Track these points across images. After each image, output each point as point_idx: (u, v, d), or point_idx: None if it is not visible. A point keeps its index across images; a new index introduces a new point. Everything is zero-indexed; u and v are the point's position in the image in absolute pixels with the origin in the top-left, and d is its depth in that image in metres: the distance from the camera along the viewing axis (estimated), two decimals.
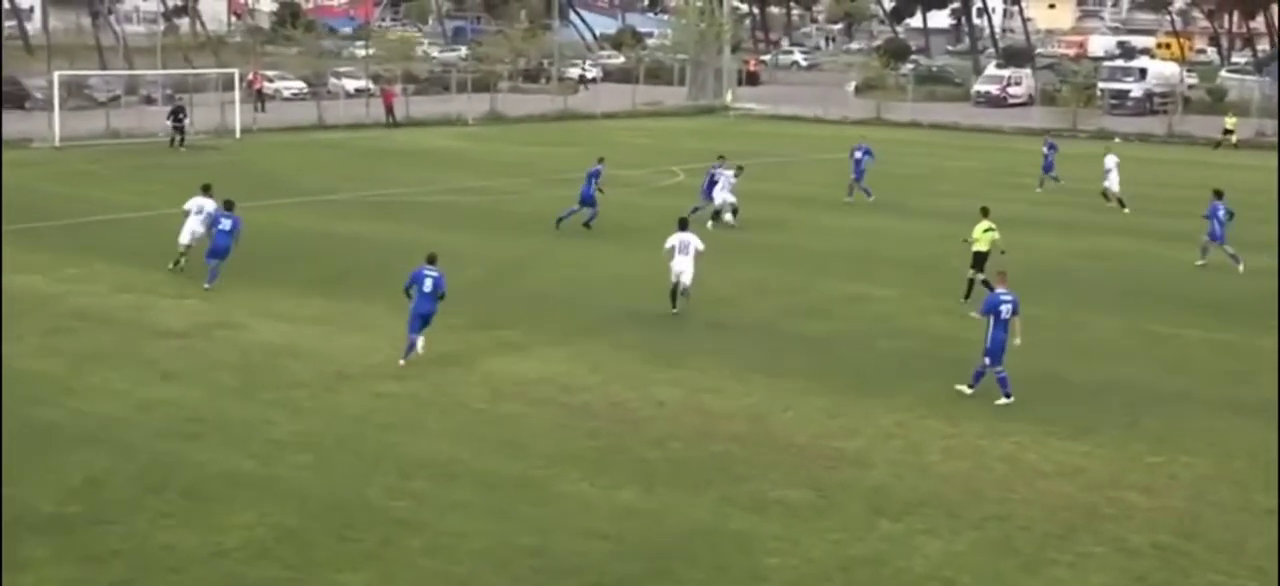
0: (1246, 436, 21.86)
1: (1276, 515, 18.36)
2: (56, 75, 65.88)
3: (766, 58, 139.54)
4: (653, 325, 28.49)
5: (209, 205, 33.33)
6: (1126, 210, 46.57)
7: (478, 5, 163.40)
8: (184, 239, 33.01)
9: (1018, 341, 23.81)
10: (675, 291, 29.54)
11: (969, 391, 23.68)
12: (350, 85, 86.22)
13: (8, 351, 25.21)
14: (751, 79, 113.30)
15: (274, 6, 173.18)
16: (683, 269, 29.37)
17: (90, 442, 20.23)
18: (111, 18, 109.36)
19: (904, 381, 24.67)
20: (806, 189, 51.17)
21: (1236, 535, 17.81)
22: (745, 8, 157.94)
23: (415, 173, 53.06)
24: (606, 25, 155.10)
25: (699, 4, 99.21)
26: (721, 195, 41.18)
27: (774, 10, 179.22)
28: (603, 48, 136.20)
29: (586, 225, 38.97)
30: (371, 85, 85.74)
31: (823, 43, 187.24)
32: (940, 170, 58.87)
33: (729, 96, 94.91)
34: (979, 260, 31.41)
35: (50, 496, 18.05)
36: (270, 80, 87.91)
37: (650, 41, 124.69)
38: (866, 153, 48.08)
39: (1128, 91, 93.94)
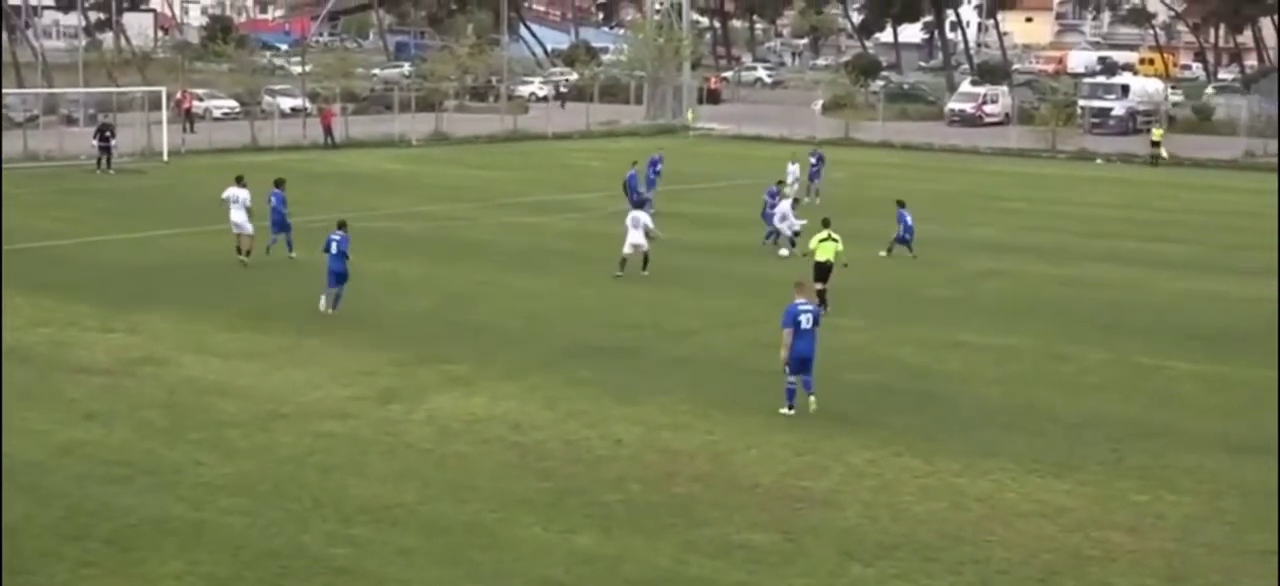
0: (1237, 474, 22.00)
1: (1277, 554, 18.44)
2: None
3: (728, 75, 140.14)
4: (610, 359, 28.47)
5: (243, 194, 36.52)
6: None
7: (422, 20, 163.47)
8: (244, 226, 36.49)
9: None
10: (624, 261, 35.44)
11: (789, 412, 24.34)
12: (286, 104, 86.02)
13: None
14: (712, 97, 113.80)
15: (204, 21, 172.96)
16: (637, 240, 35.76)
17: (6, 488, 20.02)
18: (29, 33, 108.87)
19: (875, 416, 24.71)
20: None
21: (1227, 577, 17.89)
22: (706, 22, 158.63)
23: (356, 197, 52.95)
24: (559, 40, 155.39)
25: (657, 18, 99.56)
26: (784, 223, 41.34)
27: (736, 24, 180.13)
28: (555, 64, 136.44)
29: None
30: (309, 104, 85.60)
31: (788, 59, 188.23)
32: (911, 193, 59.11)
33: (689, 115, 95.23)
34: (822, 271, 33.23)
35: None
36: (200, 99, 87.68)
37: (605, 57, 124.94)
38: (819, 159, 52.42)
39: (1109, 109, 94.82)
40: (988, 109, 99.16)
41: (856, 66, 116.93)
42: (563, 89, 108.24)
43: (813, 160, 55.22)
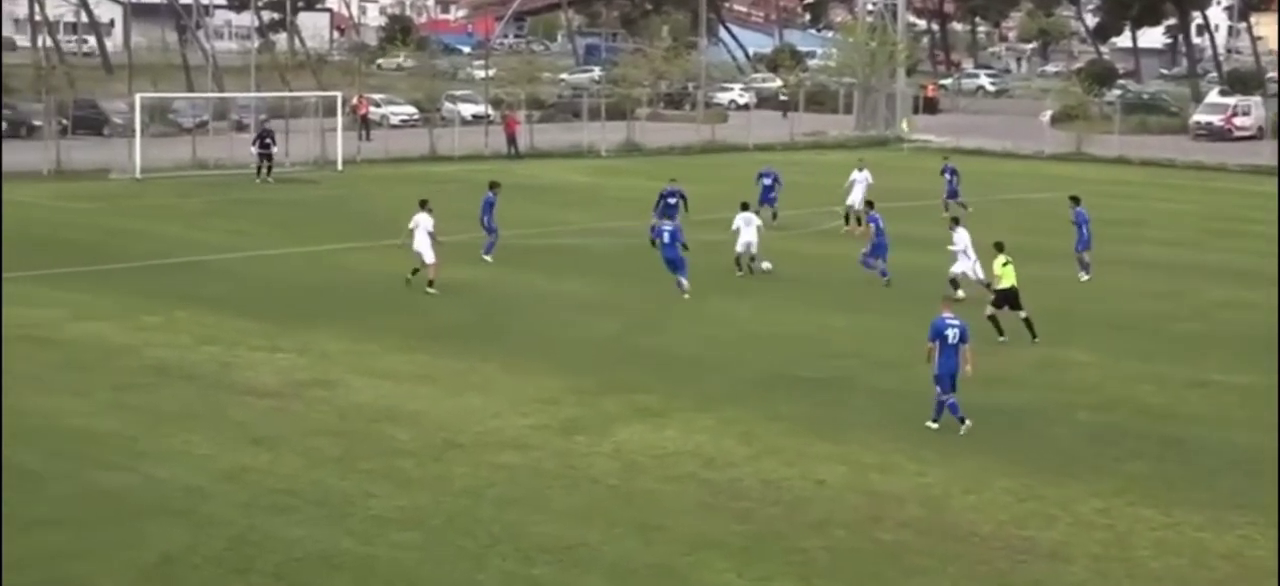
0: None
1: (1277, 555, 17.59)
2: (138, 98, 67.63)
3: (947, 82, 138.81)
4: (811, 391, 28.32)
5: (428, 220, 37.54)
6: None
7: (613, 21, 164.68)
8: (426, 253, 37.36)
9: (969, 368, 25.67)
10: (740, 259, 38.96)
11: (934, 426, 25.51)
12: (467, 111, 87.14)
13: (69, 407, 25.74)
14: (929, 106, 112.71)
15: (382, 22, 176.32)
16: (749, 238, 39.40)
17: (167, 514, 20.52)
18: (200, 34, 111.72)
19: (1108, 462, 24.22)
20: (992, 235, 50.56)
21: None
22: (923, 24, 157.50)
23: (538, 210, 53.45)
24: (761, 43, 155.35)
25: (869, 19, 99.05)
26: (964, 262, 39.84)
27: (957, 27, 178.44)
28: (757, 69, 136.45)
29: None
30: (491, 111, 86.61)
31: (1013, 65, 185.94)
32: (1148, 214, 58.01)
33: (903, 126, 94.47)
34: (1009, 298, 33.05)
35: (120, 575, 18.31)
36: (377, 105, 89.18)
37: (812, 63, 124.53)
38: (773, 178, 51.76)
39: None
40: (1238, 122, 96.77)
41: (1090, 74, 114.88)
42: (782, 97, 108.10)
43: (946, 175, 54.53)
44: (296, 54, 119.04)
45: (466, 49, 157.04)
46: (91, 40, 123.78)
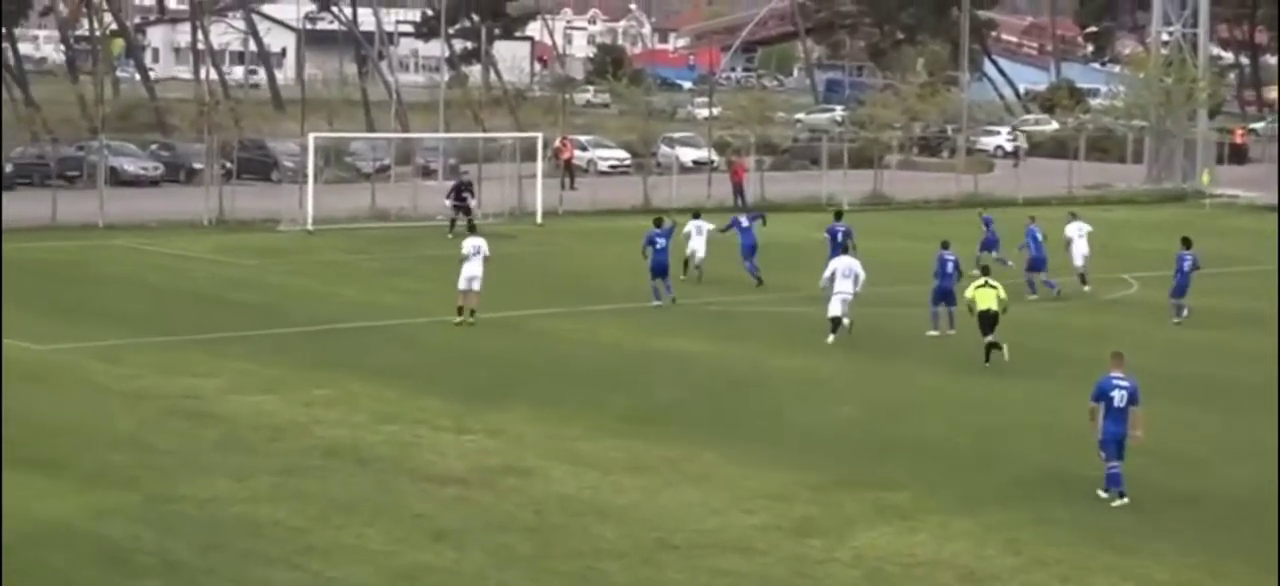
0: None
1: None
2: (311, 138, 68.21)
3: (1258, 126, 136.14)
4: (1090, 491, 27.89)
5: (707, 225, 45.07)
6: None
7: (859, 52, 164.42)
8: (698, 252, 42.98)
9: (1139, 433, 27.04)
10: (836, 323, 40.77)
11: (1106, 495, 26.89)
12: (687, 156, 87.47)
13: (228, 493, 26.26)
14: (1237, 155, 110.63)
15: (591, 52, 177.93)
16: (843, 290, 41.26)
17: None
18: (383, 65, 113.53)
19: None
20: None
21: None
22: (1229, 57, 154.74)
23: (768, 273, 53.42)
24: (1035, 79, 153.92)
25: (1164, 52, 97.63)
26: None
27: (1270, 61, 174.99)
28: (1028, 109, 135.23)
29: None
30: (716, 156, 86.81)
31: None
32: None
33: (1205, 178, 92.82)
34: (987, 321, 38.73)
35: None
36: (583, 148, 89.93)
37: (1095, 102, 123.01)
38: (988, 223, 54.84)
39: None
40: None
41: None
42: (1009, 146, 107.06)
43: (986, 226, 55.49)
44: (492, 88, 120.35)
45: (687, 84, 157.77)
46: (260, 73, 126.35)
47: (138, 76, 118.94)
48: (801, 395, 35.52)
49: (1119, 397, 26.96)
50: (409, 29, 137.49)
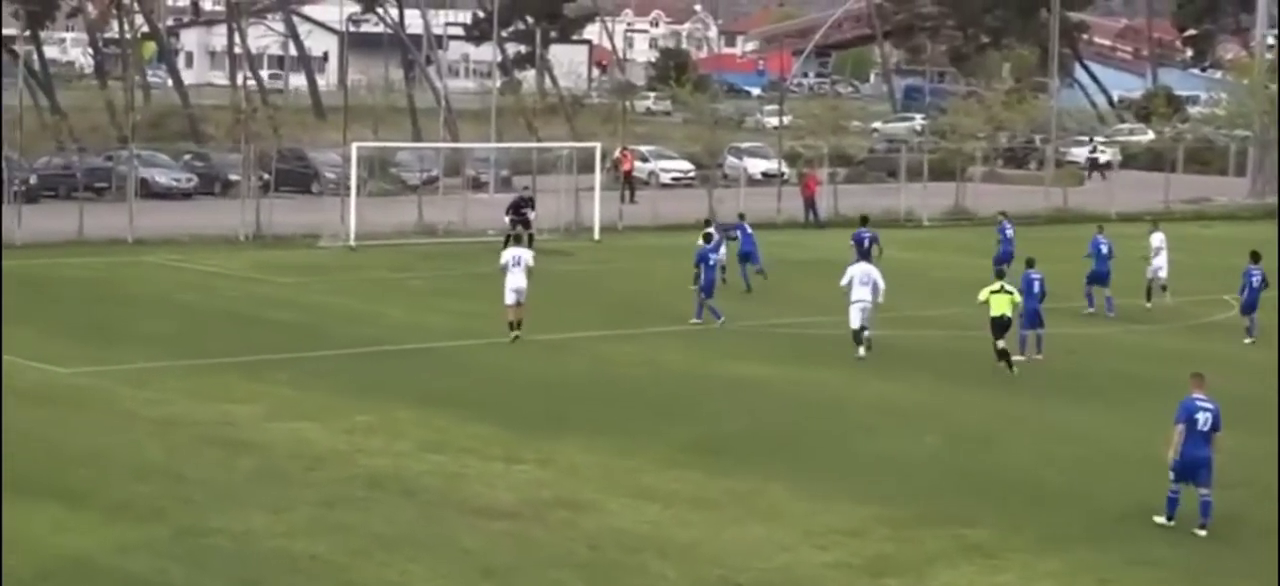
0: None
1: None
2: (354, 148, 68.38)
3: None
4: (1184, 530, 27.73)
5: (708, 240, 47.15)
6: None
7: (941, 57, 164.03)
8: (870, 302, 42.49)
9: (1219, 459, 27.38)
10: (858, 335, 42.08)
11: (1169, 523, 27.43)
12: (755, 167, 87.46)
13: (265, 526, 26.34)
14: None
15: (653, 56, 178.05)
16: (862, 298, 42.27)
17: None
18: (431, 70, 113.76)
19: None
20: None
21: None
22: None
23: (840, 292, 53.33)
24: (1129, 85, 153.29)
25: (1269, 56, 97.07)
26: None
27: None
28: (1122, 118, 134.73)
29: None
30: (786, 168, 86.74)
31: None
32: None
33: None
34: (999, 326, 40.69)
35: None
36: (644, 158, 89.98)
37: (1194, 111, 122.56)
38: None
39: None
40: None
41: None
42: (1102, 158, 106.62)
43: (1001, 235, 58.03)
44: (547, 95, 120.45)
45: (756, 91, 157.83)
46: (300, 78, 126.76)
47: (170, 82, 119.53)
48: (877, 424, 35.43)
49: (1203, 420, 27.23)
50: (459, 32, 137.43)
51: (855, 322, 42.43)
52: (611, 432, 33.49)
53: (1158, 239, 53.93)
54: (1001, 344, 40.72)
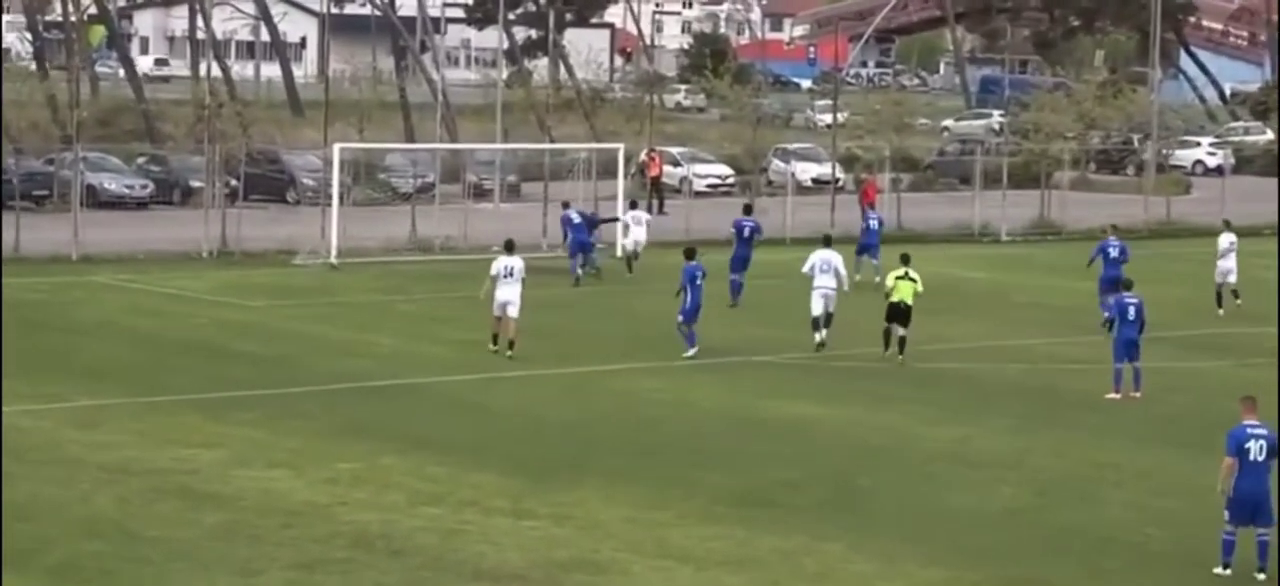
0: None
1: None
2: (336, 149, 68.30)
3: None
4: (1248, 577, 27.81)
5: (646, 215, 48.97)
6: None
7: (1022, 44, 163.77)
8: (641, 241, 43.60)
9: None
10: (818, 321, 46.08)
11: (1224, 572, 27.90)
12: (805, 172, 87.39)
13: None
14: None
15: (686, 42, 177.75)
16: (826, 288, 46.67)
17: None
18: (426, 58, 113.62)
19: None
20: None
21: None
22: None
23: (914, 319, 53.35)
24: (1244, 77, 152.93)
25: None
26: None
27: None
28: (1236, 115, 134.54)
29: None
30: (841, 173, 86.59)
31: None
32: None
33: None
34: (898, 313, 44.98)
35: None
36: (675, 162, 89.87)
37: None
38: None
39: None
40: None
41: None
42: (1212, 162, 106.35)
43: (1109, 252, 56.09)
44: (562, 88, 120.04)
45: (806, 82, 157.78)
46: (274, 68, 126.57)
47: (122, 72, 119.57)
48: (950, 472, 35.41)
49: (1257, 449, 27.47)
50: (459, 14, 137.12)
51: (816, 310, 47.03)
52: (636, 482, 33.51)
53: (1227, 240, 54.75)
54: (903, 332, 45.41)
